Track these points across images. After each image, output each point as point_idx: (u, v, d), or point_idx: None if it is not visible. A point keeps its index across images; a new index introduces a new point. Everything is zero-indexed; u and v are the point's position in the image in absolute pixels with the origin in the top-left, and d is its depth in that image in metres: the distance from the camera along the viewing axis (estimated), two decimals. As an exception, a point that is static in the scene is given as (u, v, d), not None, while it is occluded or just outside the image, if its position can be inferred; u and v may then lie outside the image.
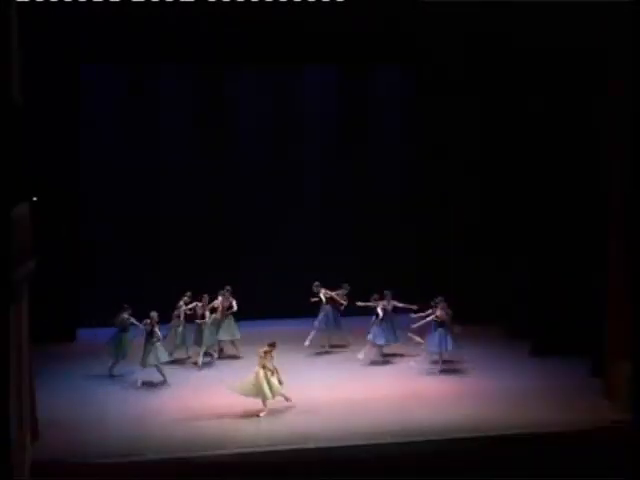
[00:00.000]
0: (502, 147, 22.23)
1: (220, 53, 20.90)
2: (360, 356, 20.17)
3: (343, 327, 21.17)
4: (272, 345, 17.32)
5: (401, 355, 20.62)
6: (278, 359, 18.13)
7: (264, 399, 16.97)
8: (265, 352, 17.17)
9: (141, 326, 18.86)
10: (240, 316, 20.64)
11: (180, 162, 22.98)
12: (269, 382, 17.00)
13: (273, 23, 18.61)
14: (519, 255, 21.71)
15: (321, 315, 20.89)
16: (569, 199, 20.18)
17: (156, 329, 18.69)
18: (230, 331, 20.46)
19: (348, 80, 23.56)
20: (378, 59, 22.08)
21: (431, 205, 23.54)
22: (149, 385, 18.63)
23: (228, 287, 20.37)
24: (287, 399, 17.30)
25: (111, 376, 19.12)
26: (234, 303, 20.31)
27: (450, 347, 19.38)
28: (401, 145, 23.97)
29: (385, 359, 20.33)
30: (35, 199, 13.21)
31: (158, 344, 18.70)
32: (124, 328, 19.30)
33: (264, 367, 17.05)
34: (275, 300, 22.59)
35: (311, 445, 15.58)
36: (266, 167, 23.48)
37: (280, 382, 17.17)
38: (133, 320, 19.16)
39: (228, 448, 15.44)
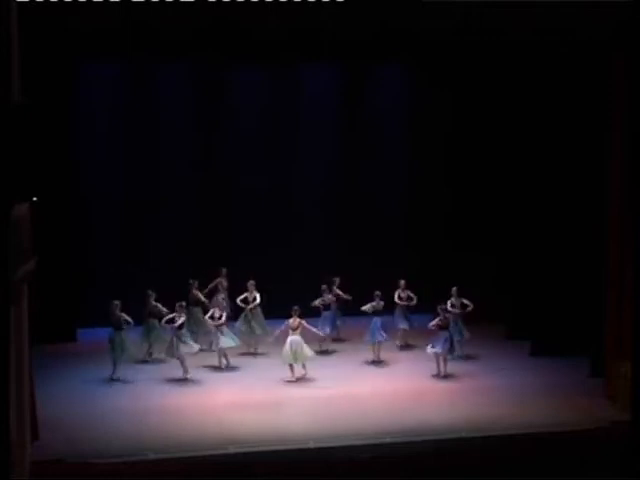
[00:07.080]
0: (503, 146, 22.18)
1: (220, 52, 20.86)
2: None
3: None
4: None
5: (400, 355, 20.69)
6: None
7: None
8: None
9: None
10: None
11: (180, 161, 22.90)
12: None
13: (273, 22, 18.59)
14: (519, 255, 21.68)
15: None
16: (569, 199, 20.16)
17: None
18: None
19: (348, 80, 23.54)
20: (378, 59, 22.06)
21: (430, 204, 23.51)
22: (149, 384, 18.65)
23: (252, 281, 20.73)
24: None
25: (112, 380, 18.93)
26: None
27: (449, 348, 19.26)
28: (400, 144, 23.94)
29: (383, 359, 20.34)
30: (35, 199, 13.17)
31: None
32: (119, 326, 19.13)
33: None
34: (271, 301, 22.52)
35: (311, 445, 15.60)
36: (266, 166, 23.45)
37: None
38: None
39: (228, 448, 15.45)
